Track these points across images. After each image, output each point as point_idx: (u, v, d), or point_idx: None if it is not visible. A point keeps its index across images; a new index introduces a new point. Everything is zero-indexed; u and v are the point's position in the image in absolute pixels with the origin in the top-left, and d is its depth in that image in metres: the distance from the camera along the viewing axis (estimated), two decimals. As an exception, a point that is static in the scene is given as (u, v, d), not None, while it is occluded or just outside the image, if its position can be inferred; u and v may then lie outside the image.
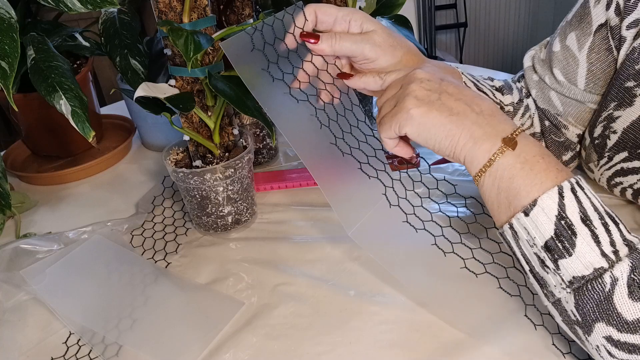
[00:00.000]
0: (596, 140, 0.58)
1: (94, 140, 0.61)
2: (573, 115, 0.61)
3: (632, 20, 0.52)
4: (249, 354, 0.50)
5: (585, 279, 0.38)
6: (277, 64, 0.50)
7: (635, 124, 0.53)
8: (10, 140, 1.62)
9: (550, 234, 0.39)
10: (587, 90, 0.59)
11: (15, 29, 0.53)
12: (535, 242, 0.40)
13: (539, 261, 0.40)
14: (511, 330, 0.48)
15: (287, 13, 0.50)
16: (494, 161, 0.41)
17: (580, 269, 0.38)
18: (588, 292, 0.38)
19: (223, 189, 0.64)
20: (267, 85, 0.49)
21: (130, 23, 0.78)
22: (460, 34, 3.02)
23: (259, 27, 0.49)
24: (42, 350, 0.54)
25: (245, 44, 0.48)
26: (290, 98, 0.50)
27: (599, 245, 0.38)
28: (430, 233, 0.50)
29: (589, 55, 0.57)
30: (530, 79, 0.64)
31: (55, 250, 0.67)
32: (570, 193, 0.39)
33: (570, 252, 0.38)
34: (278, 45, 0.50)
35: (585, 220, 0.38)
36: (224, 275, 0.61)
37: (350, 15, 0.50)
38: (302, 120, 0.51)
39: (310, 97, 0.51)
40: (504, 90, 0.62)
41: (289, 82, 0.50)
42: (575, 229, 0.38)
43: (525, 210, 0.39)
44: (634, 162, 0.55)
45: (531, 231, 0.40)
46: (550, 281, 0.40)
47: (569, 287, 0.39)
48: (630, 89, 0.53)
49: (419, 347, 0.49)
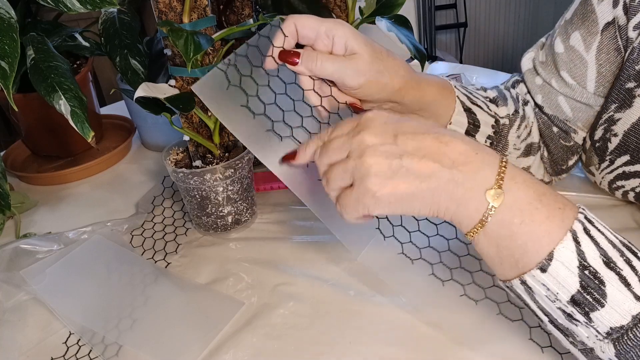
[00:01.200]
0: (597, 144, 0.57)
1: (94, 140, 0.61)
2: (582, 120, 0.58)
3: (638, 21, 0.50)
4: (249, 354, 0.50)
5: (625, 328, 0.34)
6: (258, 95, 0.47)
7: (636, 126, 0.52)
8: (10, 140, 1.62)
9: (576, 288, 0.35)
10: (597, 93, 0.56)
11: (15, 29, 0.53)
12: (559, 298, 0.35)
13: (565, 315, 0.36)
14: (511, 331, 0.48)
15: (261, 36, 0.47)
16: (486, 221, 0.36)
17: (617, 319, 0.34)
18: (630, 340, 0.34)
19: (223, 189, 0.64)
20: (248, 122, 0.46)
21: (130, 23, 0.78)
22: (460, 34, 3.02)
23: (232, 60, 0.46)
24: (42, 350, 0.54)
25: (219, 82, 0.45)
26: (273, 134, 0.46)
27: (629, 288, 0.34)
28: (428, 262, 0.47)
29: (597, 57, 0.54)
30: (533, 83, 0.60)
31: (55, 250, 0.67)
32: (585, 236, 0.35)
33: (602, 303, 0.34)
34: (257, 74, 0.47)
35: (608, 263, 0.35)
36: (224, 275, 0.61)
37: (333, 31, 0.46)
38: None
39: (295, 132, 0.47)
40: (498, 102, 0.58)
41: (271, 115, 0.47)
42: (601, 277, 0.34)
43: (541, 267, 0.35)
44: (635, 166, 0.54)
45: (552, 287, 0.35)
46: (580, 333, 0.36)
47: (606, 339, 0.35)
48: (631, 90, 0.52)
49: (419, 347, 0.49)
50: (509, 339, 0.48)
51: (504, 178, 0.36)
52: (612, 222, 0.59)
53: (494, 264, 0.38)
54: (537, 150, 0.61)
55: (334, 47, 0.47)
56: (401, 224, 0.48)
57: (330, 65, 0.46)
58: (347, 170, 0.39)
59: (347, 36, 0.46)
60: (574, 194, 0.66)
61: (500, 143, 0.57)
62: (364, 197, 0.38)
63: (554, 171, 0.63)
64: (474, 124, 0.55)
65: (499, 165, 0.37)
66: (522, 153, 0.60)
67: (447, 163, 0.37)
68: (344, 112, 0.49)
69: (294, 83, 0.48)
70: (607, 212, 0.62)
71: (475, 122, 0.55)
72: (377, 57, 0.47)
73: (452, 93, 0.54)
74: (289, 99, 0.48)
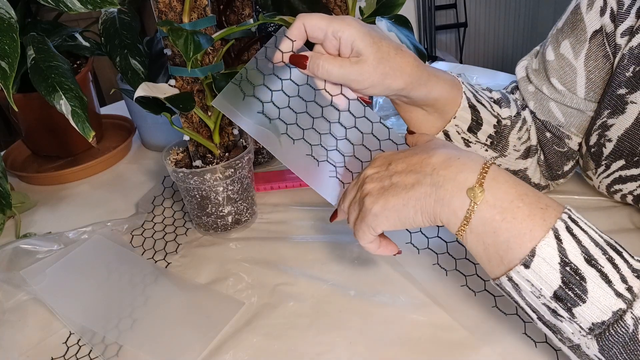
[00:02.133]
0: (592, 149, 0.58)
1: (94, 140, 0.61)
2: (575, 125, 0.59)
3: (625, 28, 0.52)
4: (249, 354, 0.50)
5: (606, 324, 0.36)
6: (272, 101, 0.50)
7: (629, 131, 0.53)
8: (10, 140, 1.62)
9: (558, 284, 0.36)
10: (587, 98, 0.57)
11: (15, 29, 0.53)
12: (543, 293, 0.37)
13: (550, 311, 0.38)
14: (511, 331, 0.48)
15: (268, 48, 0.50)
16: (470, 218, 0.39)
17: (598, 314, 0.36)
18: (612, 336, 0.35)
19: (223, 189, 0.64)
20: (266, 127, 0.50)
21: (130, 23, 0.78)
22: (460, 34, 3.02)
23: (244, 74, 0.50)
24: (42, 350, 0.54)
25: (234, 95, 0.49)
26: (287, 137, 0.51)
27: (610, 285, 0.35)
28: (434, 251, 0.50)
29: (586, 63, 0.56)
30: (526, 91, 0.61)
31: (55, 250, 0.67)
32: (567, 233, 0.37)
33: (583, 299, 0.36)
34: (269, 81, 0.50)
35: (590, 260, 0.36)
36: (224, 275, 0.61)
37: (340, 32, 0.47)
38: (302, 157, 0.51)
39: (305, 134, 0.51)
40: (502, 103, 0.59)
41: (285, 120, 0.50)
42: (582, 273, 0.36)
43: (524, 263, 0.37)
44: (631, 170, 0.55)
45: (535, 283, 0.37)
46: (565, 329, 0.38)
47: (589, 334, 0.36)
48: (623, 96, 0.52)
49: (419, 347, 0.49)
50: (509, 338, 0.48)
51: (485, 178, 0.39)
52: (609, 223, 0.60)
53: (483, 262, 0.40)
54: (534, 153, 0.61)
55: (341, 48, 0.48)
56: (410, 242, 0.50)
57: (336, 71, 0.48)
58: (355, 202, 0.45)
59: (353, 37, 0.47)
60: (573, 197, 0.66)
61: (501, 143, 0.58)
62: (366, 217, 0.43)
63: (550, 175, 0.63)
64: (477, 121, 0.55)
65: (482, 167, 0.39)
66: (521, 155, 0.60)
67: (428, 170, 0.41)
68: (370, 142, 0.52)
69: (307, 84, 0.51)
70: (604, 213, 0.62)
71: (478, 119, 0.55)
72: (383, 58, 0.48)
73: (459, 89, 0.54)
74: (303, 101, 0.51)
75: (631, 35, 0.51)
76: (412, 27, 0.73)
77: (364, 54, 0.47)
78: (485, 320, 0.50)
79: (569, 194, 0.66)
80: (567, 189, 0.67)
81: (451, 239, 0.49)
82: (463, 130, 0.56)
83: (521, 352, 0.46)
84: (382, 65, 0.48)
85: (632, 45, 0.51)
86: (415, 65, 0.50)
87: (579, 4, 0.56)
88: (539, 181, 0.64)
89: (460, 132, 0.56)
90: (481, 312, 0.51)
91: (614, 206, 0.63)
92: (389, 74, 0.48)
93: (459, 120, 0.55)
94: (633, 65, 0.51)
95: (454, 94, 0.54)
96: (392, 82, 0.48)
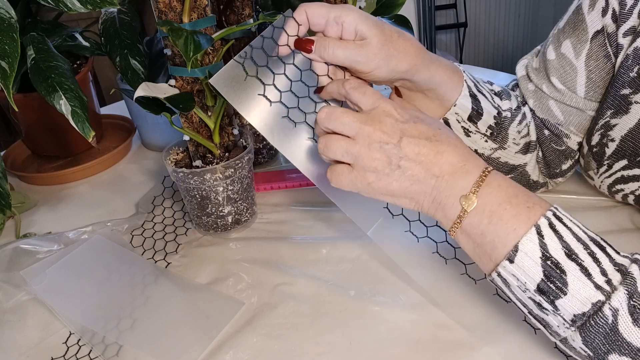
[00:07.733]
0: (594, 149, 0.58)
1: (94, 140, 0.61)
2: (575, 124, 0.59)
3: (628, 28, 0.52)
4: (249, 354, 0.50)
5: (586, 316, 0.37)
6: (274, 84, 0.49)
7: (633, 131, 0.53)
8: (10, 140, 1.62)
9: (539, 277, 0.38)
10: (587, 98, 0.58)
11: (15, 29, 0.53)
12: (527, 287, 0.39)
13: (536, 305, 0.39)
14: (511, 331, 0.48)
15: (275, 28, 0.49)
16: (460, 223, 0.41)
17: (578, 306, 0.37)
18: (592, 327, 0.37)
19: (223, 189, 0.64)
20: (265, 110, 0.48)
21: (130, 23, 0.78)
22: (460, 34, 3.02)
23: (248, 52, 0.48)
24: (42, 350, 0.54)
25: (236, 74, 0.47)
26: (288, 121, 0.49)
27: (590, 278, 0.37)
28: (433, 240, 0.50)
29: (587, 63, 0.56)
30: (526, 89, 0.62)
31: (55, 250, 0.67)
32: (549, 230, 0.38)
33: (564, 291, 0.37)
34: (273, 63, 0.49)
35: (570, 255, 0.38)
36: (224, 275, 0.61)
37: (342, 17, 0.47)
38: (301, 142, 0.50)
39: (308, 118, 0.50)
40: (502, 96, 0.60)
41: (287, 103, 0.49)
42: (563, 267, 0.37)
43: (509, 258, 0.39)
44: (634, 170, 0.55)
45: (520, 277, 0.39)
46: (552, 322, 0.39)
47: (572, 326, 0.38)
48: (626, 97, 0.53)
49: (419, 347, 0.49)
50: (509, 338, 0.48)
51: (480, 185, 0.41)
52: (610, 223, 0.60)
53: (475, 259, 0.43)
54: (534, 149, 0.62)
55: (344, 33, 0.48)
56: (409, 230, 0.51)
57: (342, 52, 0.48)
58: (350, 152, 0.43)
59: (356, 21, 0.47)
60: (573, 197, 0.66)
61: (500, 135, 0.58)
62: (360, 182, 0.43)
63: (548, 173, 0.63)
64: (478, 111, 0.56)
65: (480, 175, 0.41)
66: (521, 149, 0.61)
67: (435, 172, 0.42)
68: None
69: (309, 69, 0.50)
70: (605, 213, 0.62)
71: (479, 109, 0.56)
72: (387, 40, 0.48)
73: (460, 77, 0.55)
74: (305, 85, 0.50)
75: (635, 36, 0.51)
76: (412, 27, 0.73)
77: (369, 36, 0.47)
78: (485, 320, 0.50)
79: (570, 194, 0.66)
80: (568, 189, 0.67)
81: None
82: (463, 119, 0.56)
83: (521, 352, 0.46)
84: (387, 46, 0.48)
85: (636, 46, 0.51)
86: (418, 47, 0.50)
87: (581, 4, 0.56)
88: (537, 178, 0.64)
89: (461, 120, 0.56)
90: (481, 312, 0.51)
91: (614, 206, 0.63)
92: (393, 55, 0.48)
93: (459, 108, 0.55)
94: (637, 65, 0.51)
95: (455, 80, 0.54)
96: (397, 63, 0.49)
